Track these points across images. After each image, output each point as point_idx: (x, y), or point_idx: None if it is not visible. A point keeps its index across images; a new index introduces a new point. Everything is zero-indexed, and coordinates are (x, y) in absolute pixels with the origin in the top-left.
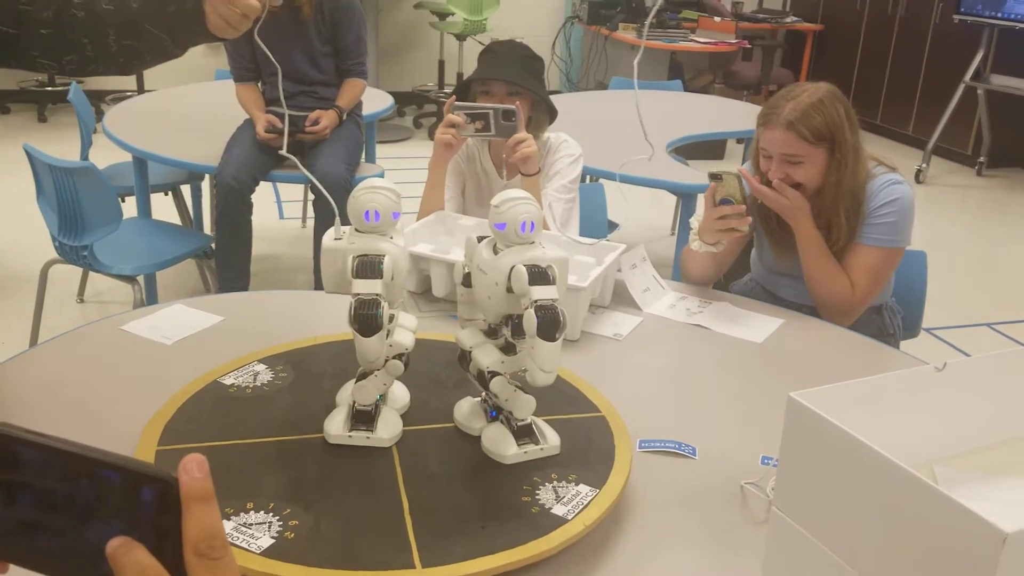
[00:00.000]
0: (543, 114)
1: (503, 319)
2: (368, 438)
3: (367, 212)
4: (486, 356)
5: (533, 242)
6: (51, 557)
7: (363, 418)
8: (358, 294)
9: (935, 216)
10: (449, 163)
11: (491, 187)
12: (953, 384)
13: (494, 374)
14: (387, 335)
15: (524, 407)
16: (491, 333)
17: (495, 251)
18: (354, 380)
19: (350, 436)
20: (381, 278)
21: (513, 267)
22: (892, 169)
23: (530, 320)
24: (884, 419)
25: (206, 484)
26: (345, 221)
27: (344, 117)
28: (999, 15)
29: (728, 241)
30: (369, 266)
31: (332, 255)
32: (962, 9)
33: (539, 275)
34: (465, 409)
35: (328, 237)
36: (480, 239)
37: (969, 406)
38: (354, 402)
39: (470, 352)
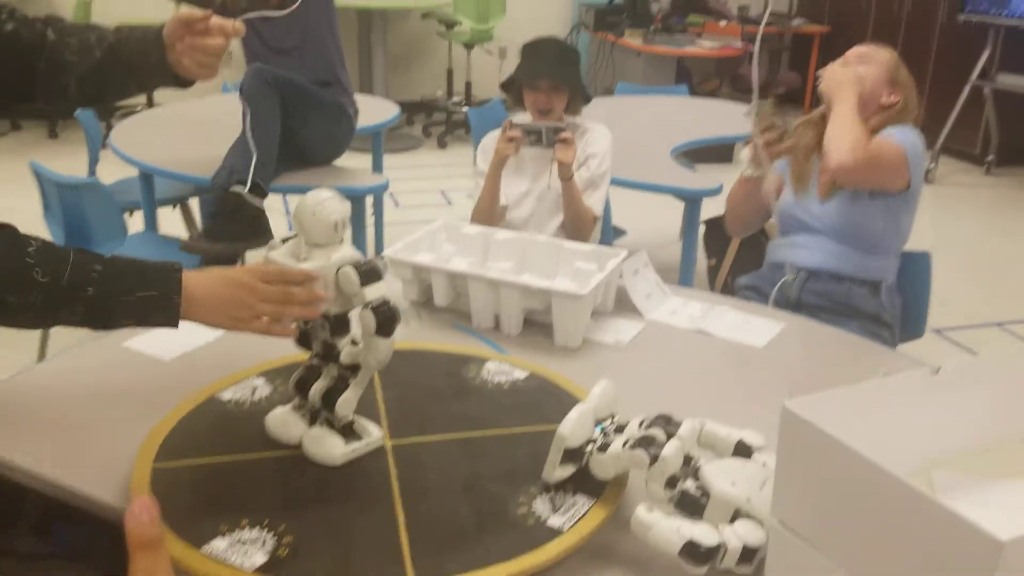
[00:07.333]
0: (579, 99)
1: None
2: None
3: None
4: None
5: (342, 240)
6: None
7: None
8: None
9: (944, 216)
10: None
11: (522, 160)
12: (950, 387)
13: None
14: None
15: (344, 405)
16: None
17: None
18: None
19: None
20: None
21: (340, 268)
22: None
23: (368, 320)
24: (880, 425)
25: (152, 530)
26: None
27: None
28: (1005, 14)
29: (772, 176)
30: None
31: None
32: (967, 8)
33: (369, 274)
34: None
35: None
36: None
37: (966, 409)
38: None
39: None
